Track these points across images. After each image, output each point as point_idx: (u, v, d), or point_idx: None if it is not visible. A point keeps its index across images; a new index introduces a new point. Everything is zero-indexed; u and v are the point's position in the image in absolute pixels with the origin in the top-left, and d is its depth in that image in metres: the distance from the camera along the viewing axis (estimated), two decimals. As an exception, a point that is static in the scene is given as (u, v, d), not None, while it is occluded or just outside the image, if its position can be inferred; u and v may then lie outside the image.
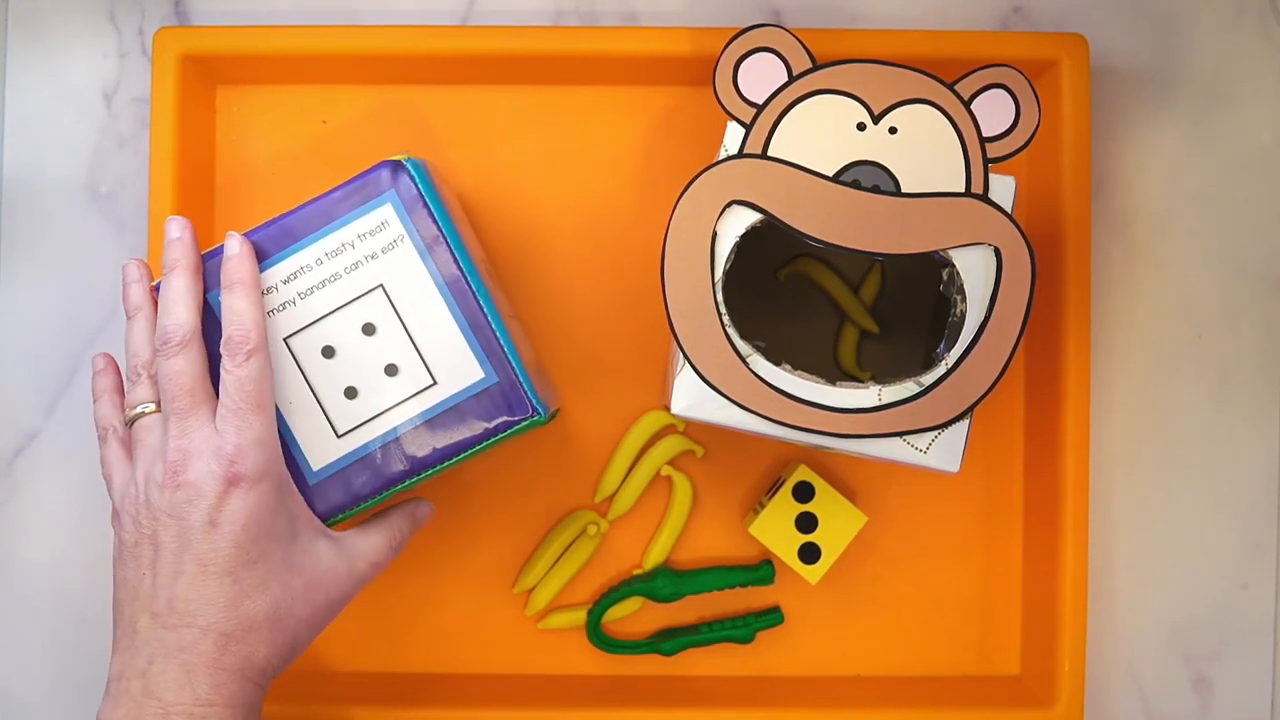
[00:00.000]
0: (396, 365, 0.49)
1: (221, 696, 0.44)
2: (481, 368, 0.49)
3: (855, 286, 0.59)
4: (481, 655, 0.59)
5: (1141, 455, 0.60)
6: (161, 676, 0.44)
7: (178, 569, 0.45)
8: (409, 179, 0.49)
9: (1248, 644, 0.60)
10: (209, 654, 0.44)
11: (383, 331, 0.49)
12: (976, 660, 0.60)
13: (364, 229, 0.49)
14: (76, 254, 0.60)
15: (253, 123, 0.59)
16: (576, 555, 0.59)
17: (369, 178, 0.49)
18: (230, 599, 0.45)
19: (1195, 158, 0.60)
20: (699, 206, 0.49)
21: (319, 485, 0.49)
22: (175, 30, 0.57)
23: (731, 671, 0.59)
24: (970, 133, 0.49)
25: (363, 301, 0.49)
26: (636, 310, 0.59)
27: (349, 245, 0.49)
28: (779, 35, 0.49)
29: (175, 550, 0.45)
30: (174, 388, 0.46)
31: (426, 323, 0.49)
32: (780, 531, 0.56)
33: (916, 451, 0.49)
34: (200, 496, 0.45)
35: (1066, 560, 0.56)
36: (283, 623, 0.46)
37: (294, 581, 0.46)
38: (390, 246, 0.49)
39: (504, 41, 0.57)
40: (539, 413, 0.49)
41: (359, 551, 0.49)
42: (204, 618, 0.44)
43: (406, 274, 0.49)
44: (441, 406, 0.49)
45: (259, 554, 0.45)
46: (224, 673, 0.44)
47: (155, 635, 0.45)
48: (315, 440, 0.49)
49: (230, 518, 0.45)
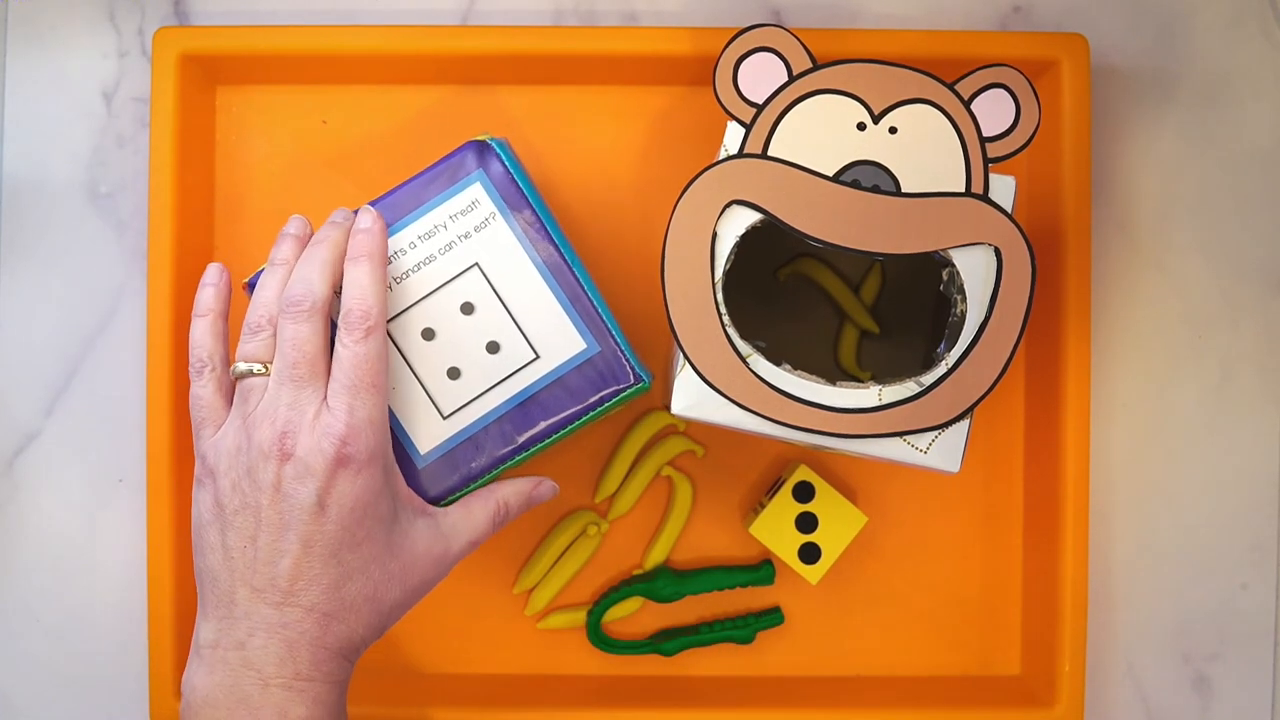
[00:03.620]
0: (498, 342, 0.49)
1: (321, 672, 0.44)
2: (584, 339, 0.49)
3: (855, 286, 0.59)
4: (481, 655, 0.59)
5: (1141, 455, 0.60)
6: (263, 650, 0.44)
7: (281, 547, 0.44)
8: (495, 157, 0.49)
9: (1248, 644, 0.60)
10: (311, 632, 0.44)
11: (481, 310, 0.49)
12: (977, 660, 0.60)
13: (455, 209, 0.49)
14: (76, 254, 0.60)
15: (253, 122, 0.59)
16: (577, 555, 0.59)
17: (454, 159, 0.49)
18: (334, 581, 0.45)
19: (1195, 157, 0.60)
20: (699, 206, 0.49)
21: (428, 468, 0.49)
22: (175, 30, 0.57)
23: (732, 671, 0.59)
24: (970, 132, 0.49)
25: (459, 281, 0.49)
26: (636, 310, 0.59)
27: (441, 227, 0.49)
28: (779, 35, 0.49)
29: (278, 526, 0.44)
30: (296, 353, 0.45)
31: (524, 298, 0.49)
32: (780, 531, 0.56)
33: (917, 451, 0.49)
34: (309, 474, 0.44)
35: (1066, 560, 0.56)
36: (379, 604, 0.46)
37: (392, 565, 0.46)
38: (483, 225, 0.49)
39: (504, 41, 0.57)
40: (643, 379, 0.49)
41: (459, 530, 0.48)
42: (308, 598, 0.44)
43: (501, 250, 0.49)
44: (545, 380, 0.49)
45: (363, 536, 0.45)
46: (325, 650, 0.45)
47: (255, 609, 0.44)
48: (421, 423, 0.49)
49: (339, 500, 0.44)
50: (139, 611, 0.59)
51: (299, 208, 0.59)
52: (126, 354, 0.60)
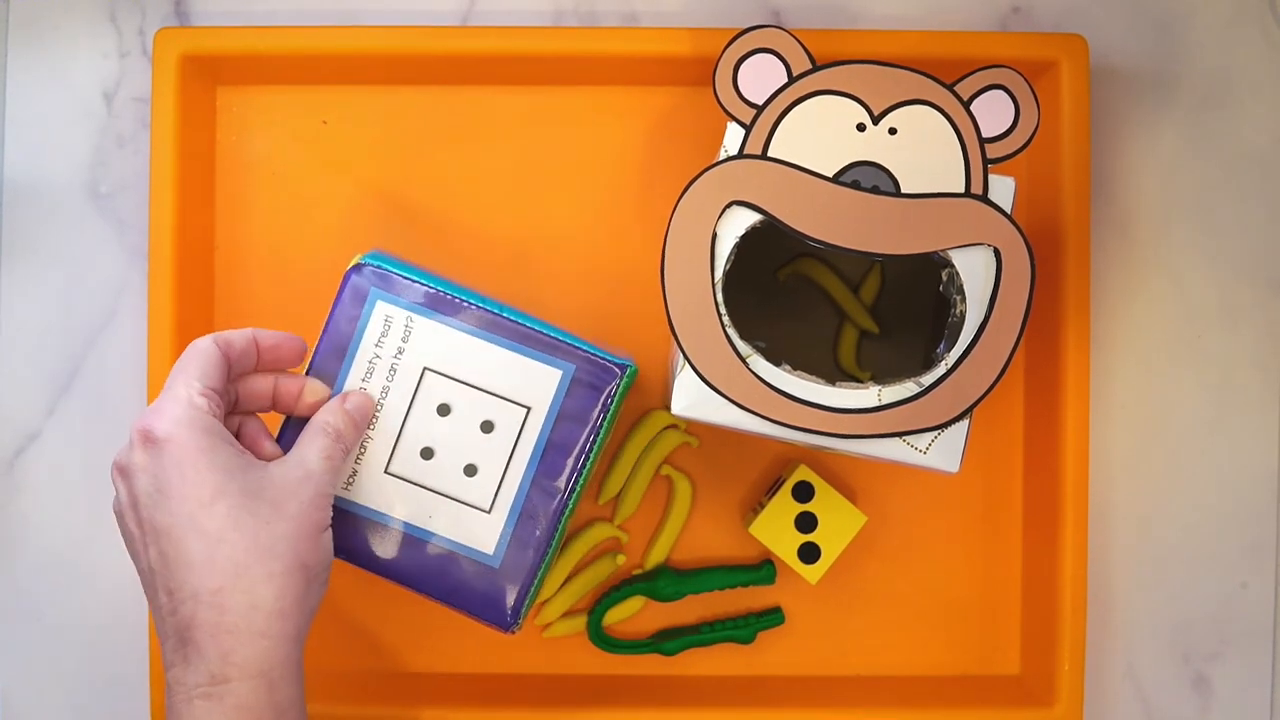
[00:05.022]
0: (489, 420, 0.49)
1: (249, 660, 0.43)
2: (555, 366, 0.49)
3: (855, 286, 0.59)
4: (483, 655, 0.59)
5: (1141, 455, 0.60)
6: (180, 668, 0.43)
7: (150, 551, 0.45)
8: (377, 271, 0.49)
9: (1248, 644, 0.60)
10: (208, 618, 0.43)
11: (456, 403, 0.49)
12: (976, 660, 0.60)
13: (376, 336, 0.49)
14: (76, 254, 0.60)
15: (253, 123, 0.59)
16: (595, 573, 0.59)
17: (346, 295, 0.49)
18: (206, 551, 0.43)
19: (1195, 158, 0.60)
20: (699, 207, 0.49)
21: (504, 564, 0.49)
22: (175, 30, 0.57)
23: (732, 671, 0.59)
24: (970, 133, 0.49)
25: (422, 392, 0.49)
26: (636, 310, 0.59)
27: (375, 358, 0.49)
28: (779, 36, 0.49)
29: (139, 532, 0.45)
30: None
31: (483, 368, 0.49)
32: (780, 531, 0.56)
33: (916, 452, 0.49)
34: (131, 468, 0.45)
35: (1066, 560, 0.56)
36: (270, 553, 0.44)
37: (261, 507, 0.44)
38: (407, 334, 0.49)
39: (504, 42, 0.57)
40: (627, 365, 0.49)
41: (305, 456, 0.47)
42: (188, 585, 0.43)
43: (437, 344, 0.49)
44: (549, 423, 0.49)
45: (212, 493, 0.44)
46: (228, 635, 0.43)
47: (162, 622, 0.45)
48: (474, 530, 0.49)
49: (158, 473, 0.44)
50: (139, 611, 0.59)
51: (300, 208, 0.59)
52: (127, 354, 0.60)
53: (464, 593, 0.49)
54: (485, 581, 0.49)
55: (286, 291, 0.59)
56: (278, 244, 0.59)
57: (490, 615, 0.50)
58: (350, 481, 0.49)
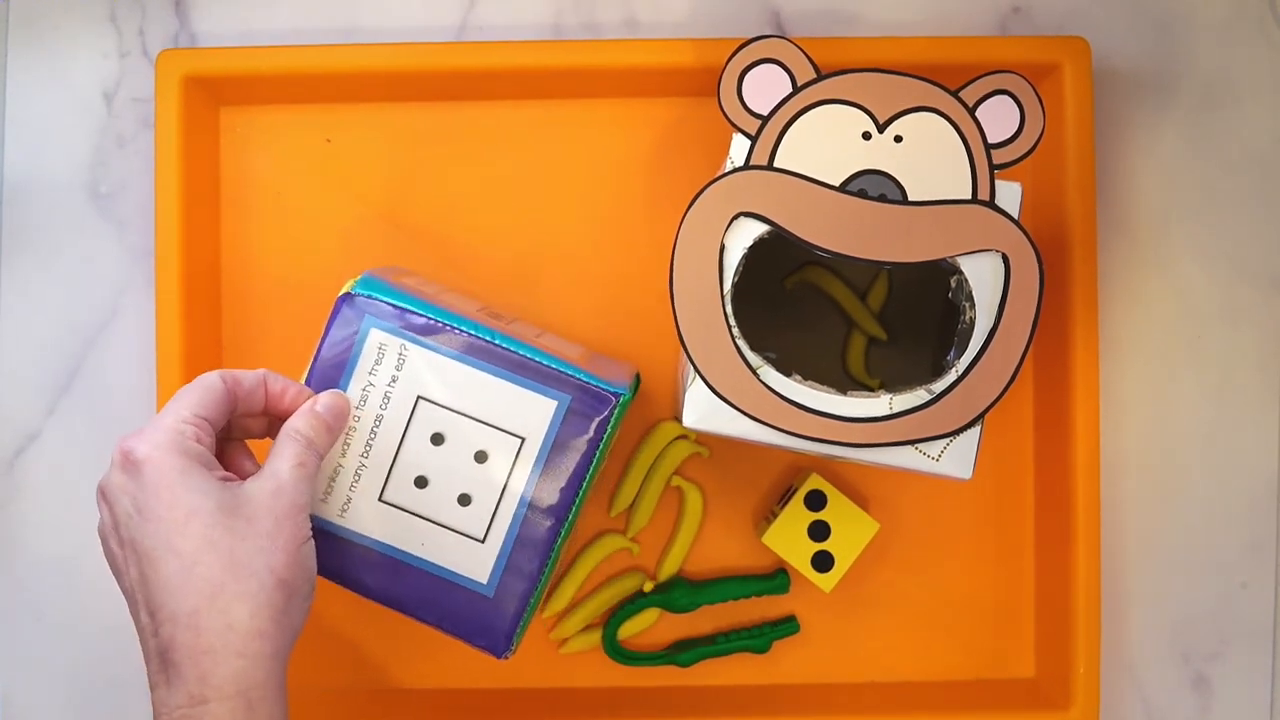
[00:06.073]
0: (483, 450, 0.49)
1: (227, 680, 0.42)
2: (549, 396, 0.49)
3: (862, 294, 0.59)
4: (497, 669, 0.59)
5: (1142, 455, 0.60)
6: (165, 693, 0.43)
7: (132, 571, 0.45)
8: (369, 299, 0.49)
9: (1248, 644, 0.60)
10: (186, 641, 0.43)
11: (450, 432, 0.49)
12: (991, 664, 0.60)
13: (370, 364, 0.49)
14: (77, 253, 0.60)
15: (256, 143, 0.59)
16: (613, 591, 0.59)
17: (339, 322, 0.49)
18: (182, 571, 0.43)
19: (1195, 158, 0.60)
20: (706, 219, 0.49)
21: (498, 593, 0.49)
22: (178, 52, 0.57)
23: (748, 681, 0.59)
24: (975, 139, 0.49)
25: (416, 421, 0.49)
26: (644, 323, 0.59)
27: (370, 386, 0.49)
28: (783, 46, 0.49)
29: (121, 552, 0.46)
30: None
31: (477, 397, 0.49)
32: (793, 540, 0.56)
33: (928, 459, 0.49)
34: (112, 490, 0.45)
35: (1079, 563, 0.56)
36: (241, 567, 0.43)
37: (238, 524, 0.44)
38: (401, 362, 0.49)
39: (505, 56, 0.57)
40: (621, 393, 0.49)
41: (277, 469, 0.46)
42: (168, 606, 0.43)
43: (431, 372, 0.49)
44: (543, 453, 0.49)
45: (185, 514, 0.43)
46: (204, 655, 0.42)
47: (147, 644, 0.45)
48: (467, 559, 0.49)
49: (136, 495, 0.44)
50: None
51: (305, 225, 0.59)
52: (127, 353, 0.60)
53: (457, 619, 0.50)
54: (478, 609, 0.49)
55: (294, 310, 0.59)
56: (284, 262, 0.59)
57: (484, 642, 0.50)
58: (345, 509, 0.49)
